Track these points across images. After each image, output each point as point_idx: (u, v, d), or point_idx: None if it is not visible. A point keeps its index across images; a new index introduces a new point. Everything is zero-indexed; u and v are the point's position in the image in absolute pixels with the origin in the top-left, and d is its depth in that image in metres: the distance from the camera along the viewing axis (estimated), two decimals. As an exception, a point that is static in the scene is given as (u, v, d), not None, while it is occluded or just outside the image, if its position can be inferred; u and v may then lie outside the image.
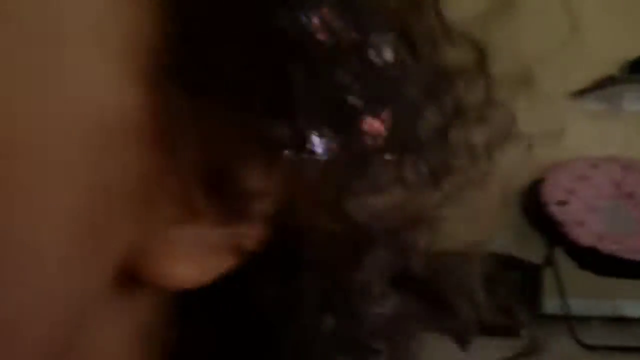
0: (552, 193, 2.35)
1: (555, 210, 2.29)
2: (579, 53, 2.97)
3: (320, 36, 0.12)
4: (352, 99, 0.12)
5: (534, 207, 2.42)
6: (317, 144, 0.12)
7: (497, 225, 0.85)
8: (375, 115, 0.13)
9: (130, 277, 0.12)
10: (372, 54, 0.13)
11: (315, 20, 0.11)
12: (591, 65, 2.66)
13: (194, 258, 0.13)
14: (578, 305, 2.41)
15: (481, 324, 0.33)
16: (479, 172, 0.19)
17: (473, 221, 0.44)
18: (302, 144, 0.12)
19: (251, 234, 0.13)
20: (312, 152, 0.12)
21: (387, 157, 0.14)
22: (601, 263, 2.18)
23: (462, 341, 0.21)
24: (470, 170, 0.18)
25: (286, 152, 0.12)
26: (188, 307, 0.15)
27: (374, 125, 0.13)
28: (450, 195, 0.16)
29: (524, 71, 0.25)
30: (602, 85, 2.53)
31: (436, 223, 0.16)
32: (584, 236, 2.19)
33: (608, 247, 2.14)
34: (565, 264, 2.31)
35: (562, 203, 2.31)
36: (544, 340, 0.86)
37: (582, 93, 2.66)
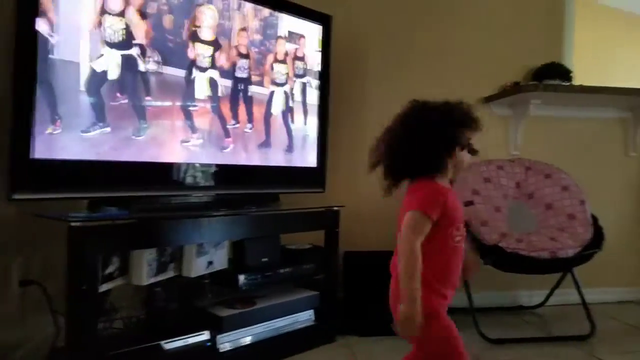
0: (460, 194, 2.42)
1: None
2: (490, 63, 3.14)
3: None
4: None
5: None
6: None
7: None
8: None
9: None
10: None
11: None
12: (500, 74, 2.80)
13: None
14: (481, 298, 2.55)
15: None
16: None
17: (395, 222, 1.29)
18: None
19: None
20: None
21: None
22: (504, 260, 2.27)
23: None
24: None
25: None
26: None
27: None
28: None
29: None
30: (508, 92, 2.64)
31: None
32: (489, 235, 2.28)
33: (511, 245, 2.25)
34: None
35: (468, 203, 2.39)
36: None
37: (491, 99, 2.78)
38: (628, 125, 2.98)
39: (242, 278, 1.95)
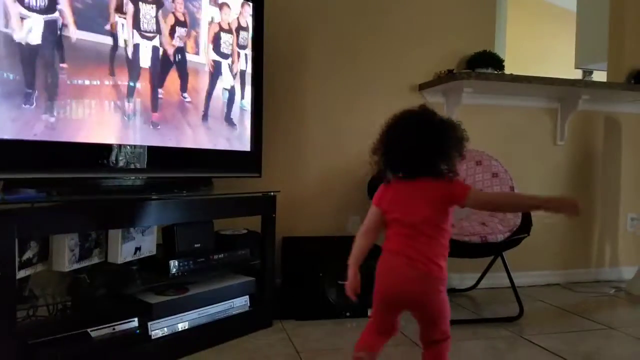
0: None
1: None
2: (424, 51, 3.20)
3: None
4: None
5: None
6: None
7: (350, 211, 2.23)
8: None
9: None
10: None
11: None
12: (434, 62, 2.86)
13: None
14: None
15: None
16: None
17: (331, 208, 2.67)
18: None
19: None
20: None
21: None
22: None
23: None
24: None
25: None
26: None
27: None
28: None
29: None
30: (442, 79, 2.69)
31: None
32: (424, 220, 2.33)
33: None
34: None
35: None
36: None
37: (424, 87, 2.83)
38: (556, 115, 3.11)
39: (172, 264, 1.91)
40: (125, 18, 1.78)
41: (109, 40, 1.73)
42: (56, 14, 1.58)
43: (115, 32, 1.75)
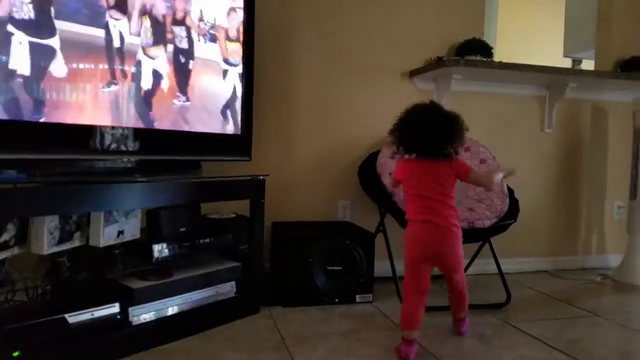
0: (384, 165, 2.44)
1: (387, 181, 2.38)
2: (417, 37, 3.17)
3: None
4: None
5: (369, 178, 2.52)
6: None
7: (341, 196, 2.69)
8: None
9: None
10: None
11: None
12: (426, 48, 2.83)
13: None
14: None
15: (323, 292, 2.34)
16: None
17: (322, 193, 2.78)
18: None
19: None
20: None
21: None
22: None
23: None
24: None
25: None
26: None
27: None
28: None
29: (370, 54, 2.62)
30: (432, 66, 2.67)
31: None
32: (412, 206, 2.32)
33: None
34: (394, 230, 2.44)
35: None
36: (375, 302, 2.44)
37: (415, 73, 2.81)
38: (544, 103, 3.11)
39: (156, 248, 1.87)
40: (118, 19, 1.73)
41: (101, 33, 1.70)
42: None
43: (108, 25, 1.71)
